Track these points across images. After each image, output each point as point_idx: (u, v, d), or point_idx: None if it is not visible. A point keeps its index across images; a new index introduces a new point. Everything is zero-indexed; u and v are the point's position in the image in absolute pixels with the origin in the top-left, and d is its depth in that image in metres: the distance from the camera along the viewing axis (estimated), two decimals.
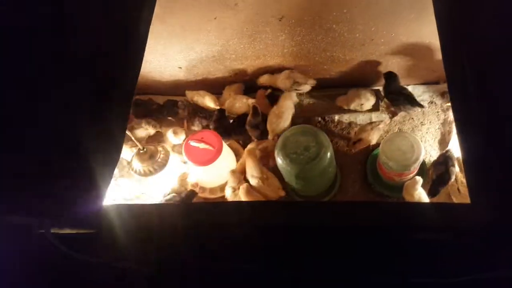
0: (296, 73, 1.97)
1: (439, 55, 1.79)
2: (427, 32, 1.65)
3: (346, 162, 1.99)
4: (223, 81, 2.12)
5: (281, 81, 1.98)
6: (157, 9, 1.20)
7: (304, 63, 1.95)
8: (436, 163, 1.74)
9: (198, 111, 2.15)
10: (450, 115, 1.98)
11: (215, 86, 2.15)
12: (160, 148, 1.97)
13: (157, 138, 2.17)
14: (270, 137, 1.95)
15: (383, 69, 1.95)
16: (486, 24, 0.93)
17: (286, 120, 1.91)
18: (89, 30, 1.15)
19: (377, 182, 1.90)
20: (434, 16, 1.53)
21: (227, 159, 1.91)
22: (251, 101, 2.01)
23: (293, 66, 1.98)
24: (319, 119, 2.10)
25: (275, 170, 1.83)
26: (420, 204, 1.19)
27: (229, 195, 1.85)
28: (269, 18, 1.65)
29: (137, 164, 1.92)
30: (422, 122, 2.00)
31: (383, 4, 1.53)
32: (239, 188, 1.82)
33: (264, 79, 2.04)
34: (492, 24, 0.92)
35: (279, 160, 1.61)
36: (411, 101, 1.87)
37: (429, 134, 1.99)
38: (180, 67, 2.04)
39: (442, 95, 2.04)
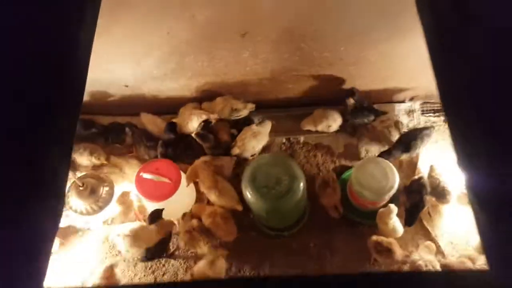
0: (232, 99, 1.82)
1: (407, 75, 1.75)
2: (397, 53, 1.57)
3: (314, 186, 1.85)
4: (178, 101, 1.89)
5: (218, 109, 1.82)
6: (100, 18, 0.98)
7: (268, 82, 1.78)
8: (409, 190, 1.66)
9: (144, 139, 1.85)
10: None
11: (168, 106, 1.92)
12: (102, 180, 1.68)
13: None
14: (233, 151, 1.77)
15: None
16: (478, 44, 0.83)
17: (259, 142, 1.78)
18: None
19: (348, 208, 1.77)
20: (406, 36, 1.47)
21: (186, 190, 1.69)
22: (212, 116, 1.82)
23: (255, 84, 1.81)
24: (284, 140, 1.95)
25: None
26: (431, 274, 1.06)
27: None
28: (231, 33, 1.47)
29: (76, 202, 1.63)
30: (389, 142, 1.92)
31: (355, 24, 1.41)
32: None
33: (204, 106, 1.88)
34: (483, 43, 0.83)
35: (248, 195, 1.43)
36: (372, 111, 1.83)
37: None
38: (127, 85, 1.79)
39: (408, 114, 1.98)
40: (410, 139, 1.74)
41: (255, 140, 1.78)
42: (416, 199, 1.61)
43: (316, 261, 1.69)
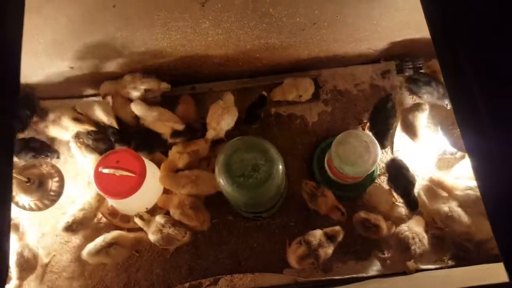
0: (141, 77, 1.62)
1: (384, 35, 1.62)
2: (376, 12, 1.42)
3: (290, 161, 1.76)
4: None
5: (124, 90, 1.63)
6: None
7: (232, 52, 1.60)
8: (393, 180, 1.59)
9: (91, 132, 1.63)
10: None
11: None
12: (50, 171, 1.48)
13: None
14: (208, 135, 1.62)
15: (323, 53, 1.70)
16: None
17: (232, 117, 1.63)
18: None
19: (326, 181, 1.69)
20: None
21: (152, 181, 1.53)
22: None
23: (218, 55, 1.61)
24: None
25: None
26: None
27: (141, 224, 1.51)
28: (188, 2, 1.26)
29: (24, 199, 1.43)
30: (365, 109, 1.82)
31: None
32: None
33: (105, 88, 1.66)
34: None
35: (223, 184, 1.30)
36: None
37: None
38: (72, 67, 1.54)
39: (382, 75, 1.87)
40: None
41: (228, 115, 1.62)
42: (403, 183, 1.55)
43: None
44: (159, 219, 1.48)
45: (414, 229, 1.46)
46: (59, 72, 1.57)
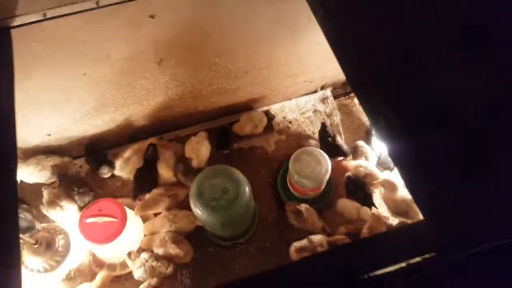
0: None
1: (314, 68, 1.94)
2: (302, 51, 1.74)
3: (257, 187, 1.97)
4: (106, 136, 1.87)
5: None
6: None
7: (191, 100, 1.85)
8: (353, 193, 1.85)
9: (75, 186, 1.79)
10: (334, 118, 2.13)
11: (97, 143, 1.90)
12: (56, 231, 1.61)
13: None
14: (193, 164, 1.83)
15: (268, 91, 1.99)
16: (371, 37, 0.99)
17: (207, 147, 1.88)
18: None
19: (290, 199, 1.91)
20: (306, 37, 1.64)
21: (134, 225, 1.69)
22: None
23: (179, 104, 1.86)
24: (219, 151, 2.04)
25: None
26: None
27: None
28: (147, 63, 1.52)
29: (34, 262, 1.54)
30: (313, 132, 2.11)
31: (261, 33, 1.55)
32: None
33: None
34: (373, 29, 0.98)
35: (199, 212, 1.49)
36: None
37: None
38: (49, 134, 1.73)
39: (322, 101, 2.19)
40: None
41: (203, 146, 1.86)
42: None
43: (278, 257, 1.79)
44: (143, 255, 1.61)
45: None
46: (37, 140, 1.75)
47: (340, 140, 1.95)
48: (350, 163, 1.88)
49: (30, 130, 1.63)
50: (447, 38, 0.93)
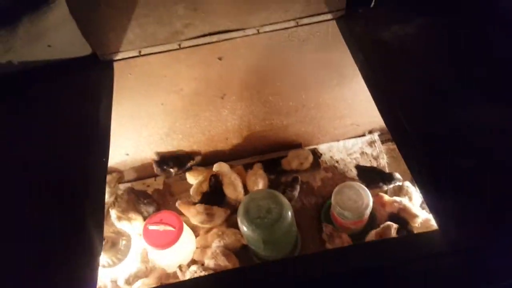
0: None
1: (360, 112, 2.11)
2: (349, 94, 1.93)
3: (301, 219, 2.10)
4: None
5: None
6: None
7: (246, 133, 2.10)
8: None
9: (141, 197, 2.08)
10: (381, 161, 2.24)
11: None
12: (120, 234, 1.89)
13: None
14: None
15: (316, 130, 2.19)
16: (405, 78, 1.14)
17: (265, 181, 2.10)
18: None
19: None
20: (352, 81, 1.85)
21: (188, 237, 1.90)
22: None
23: (236, 136, 2.12)
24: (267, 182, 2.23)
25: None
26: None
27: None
28: (212, 97, 1.81)
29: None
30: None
31: (310, 76, 1.78)
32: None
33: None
34: (409, 76, 1.12)
35: (244, 228, 1.66)
36: None
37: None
38: (128, 154, 2.06)
39: (370, 145, 2.32)
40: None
41: (261, 179, 2.07)
42: None
43: None
44: (193, 268, 1.80)
45: None
46: (117, 159, 2.09)
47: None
48: (385, 197, 1.96)
49: (112, 148, 1.96)
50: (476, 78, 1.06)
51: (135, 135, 1.93)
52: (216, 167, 2.10)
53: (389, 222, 1.82)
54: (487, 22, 1.14)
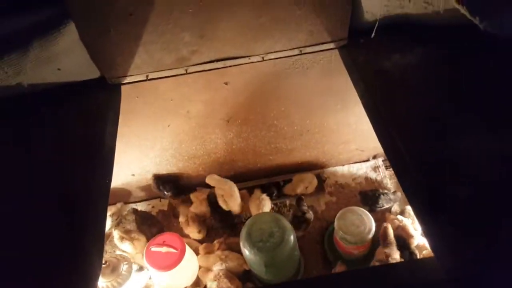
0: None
1: (365, 137, 2.13)
2: (352, 120, 1.95)
3: (304, 244, 2.09)
4: (176, 182, 2.19)
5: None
6: None
7: (251, 156, 2.12)
8: None
9: (145, 218, 2.12)
10: (385, 186, 2.24)
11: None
12: (122, 258, 1.90)
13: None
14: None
15: (321, 154, 2.20)
16: (405, 106, 1.15)
17: (268, 205, 2.12)
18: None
19: (336, 258, 1.99)
20: (356, 106, 1.87)
21: (190, 259, 1.90)
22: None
23: (241, 159, 2.14)
24: (272, 205, 2.23)
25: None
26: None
27: None
28: (218, 120, 1.84)
29: (100, 280, 1.81)
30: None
31: (314, 101, 1.81)
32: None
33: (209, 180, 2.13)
34: (409, 105, 1.13)
35: (246, 251, 1.66)
36: None
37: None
38: (133, 174, 2.09)
39: (374, 170, 2.32)
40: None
41: (265, 203, 2.10)
42: None
43: None
44: None
45: None
46: (122, 179, 2.12)
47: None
48: (387, 214, 1.96)
49: (118, 168, 2.00)
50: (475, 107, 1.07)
51: (141, 156, 1.96)
52: (208, 180, 2.09)
53: (385, 224, 1.85)
54: (488, 51, 1.16)
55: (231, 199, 2.07)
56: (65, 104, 1.37)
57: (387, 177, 2.28)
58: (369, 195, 2.11)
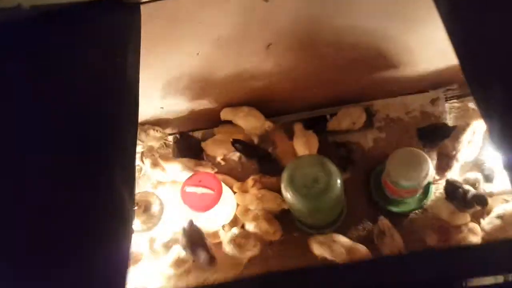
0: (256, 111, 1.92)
1: (424, 65, 1.79)
2: (415, 44, 1.63)
3: (348, 182, 1.91)
4: (209, 114, 1.99)
5: (240, 118, 1.92)
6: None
7: (291, 89, 1.87)
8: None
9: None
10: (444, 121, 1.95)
11: (200, 121, 2.05)
12: (153, 198, 1.80)
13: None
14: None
15: (373, 85, 1.91)
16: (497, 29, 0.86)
17: (316, 140, 1.89)
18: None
19: (383, 199, 1.82)
20: (421, 26, 1.53)
21: (228, 199, 1.78)
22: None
23: (279, 92, 1.89)
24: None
25: None
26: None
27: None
28: (255, 47, 1.57)
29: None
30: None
31: (372, 23, 1.48)
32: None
33: (225, 114, 1.95)
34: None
35: (289, 196, 1.50)
36: None
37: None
38: (162, 107, 1.91)
39: (432, 102, 2.02)
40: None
41: (314, 139, 1.88)
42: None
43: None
44: (234, 230, 1.70)
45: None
46: (152, 113, 1.94)
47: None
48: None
49: (144, 101, 1.81)
50: None
51: (168, 88, 1.75)
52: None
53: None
54: None
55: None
56: (78, 29, 1.14)
57: (446, 112, 1.99)
58: (428, 130, 1.84)
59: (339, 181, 1.51)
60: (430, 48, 1.65)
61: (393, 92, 2.01)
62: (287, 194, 1.51)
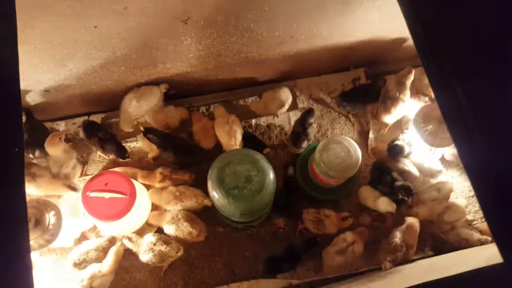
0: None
1: (354, 45, 1.70)
2: (348, 26, 1.51)
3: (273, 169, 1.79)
4: (111, 97, 1.65)
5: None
6: None
7: (212, 66, 1.62)
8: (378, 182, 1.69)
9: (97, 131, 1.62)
10: None
11: (101, 104, 1.70)
12: (45, 205, 1.42)
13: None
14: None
15: (298, 65, 1.76)
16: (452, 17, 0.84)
17: (240, 126, 1.68)
18: None
19: (309, 186, 1.75)
20: (357, 9, 1.41)
21: (142, 200, 1.51)
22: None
23: (199, 70, 1.63)
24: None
25: None
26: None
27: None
28: (171, 20, 1.27)
29: None
30: (339, 114, 1.91)
31: (309, 2, 1.30)
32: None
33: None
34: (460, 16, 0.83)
35: (218, 197, 1.32)
36: None
37: (348, 125, 1.91)
38: (47, 90, 1.49)
39: (353, 81, 1.97)
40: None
41: (237, 126, 1.66)
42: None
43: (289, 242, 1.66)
44: (149, 238, 1.46)
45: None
46: (33, 96, 1.52)
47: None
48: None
49: (25, 85, 1.39)
50: None
51: (56, 68, 1.36)
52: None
53: (412, 219, 1.59)
54: None
55: None
56: None
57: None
58: (350, 93, 1.80)
59: (272, 178, 1.37)
60: (361, 31, 1.56)
61: (318, 71, 1.90)
62: (215, 194, 1.32)
